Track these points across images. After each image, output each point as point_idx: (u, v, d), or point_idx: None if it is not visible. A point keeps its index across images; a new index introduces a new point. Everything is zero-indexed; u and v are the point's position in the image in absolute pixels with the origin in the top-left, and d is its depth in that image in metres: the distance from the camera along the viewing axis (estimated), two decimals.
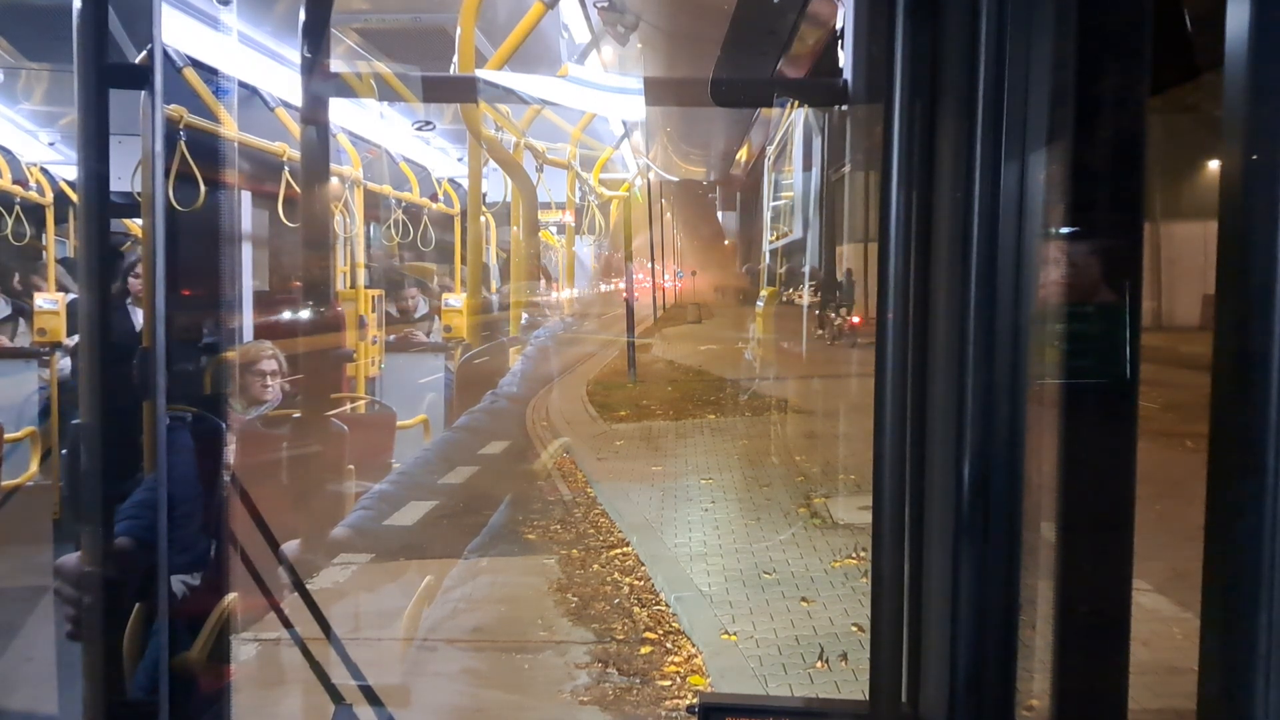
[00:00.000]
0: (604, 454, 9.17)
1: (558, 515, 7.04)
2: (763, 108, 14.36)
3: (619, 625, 4.92)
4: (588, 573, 5.76)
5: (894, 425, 1.10)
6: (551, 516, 7.00)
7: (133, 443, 1.43)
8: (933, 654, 1.14)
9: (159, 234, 1.32)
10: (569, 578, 5.63)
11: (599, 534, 6.56)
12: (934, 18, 1.09)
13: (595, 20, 8.62)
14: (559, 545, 6.29)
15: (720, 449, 9.37)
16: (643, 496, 7.44)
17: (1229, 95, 0.72)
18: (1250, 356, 0.70)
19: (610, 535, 6.52)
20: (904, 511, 1.11)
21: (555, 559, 5.98)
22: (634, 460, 8.91)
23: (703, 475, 8.22)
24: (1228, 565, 0.73)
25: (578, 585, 5.50)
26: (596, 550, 6.18)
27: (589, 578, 5.66)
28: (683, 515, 6.90)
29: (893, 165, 1.09)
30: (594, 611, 5.09)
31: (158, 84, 1.25)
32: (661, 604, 5.22)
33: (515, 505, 6.91)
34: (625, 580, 5.62)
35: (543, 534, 6.59)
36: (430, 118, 9.64)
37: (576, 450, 9.24)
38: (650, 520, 6.78)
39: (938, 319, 1.11)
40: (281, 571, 1.59)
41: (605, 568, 5.86)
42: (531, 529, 6.66)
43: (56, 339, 6.51)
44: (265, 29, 7.00)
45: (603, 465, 8.63)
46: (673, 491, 7.65)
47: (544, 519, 6.93)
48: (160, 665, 1.30)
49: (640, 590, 5.44)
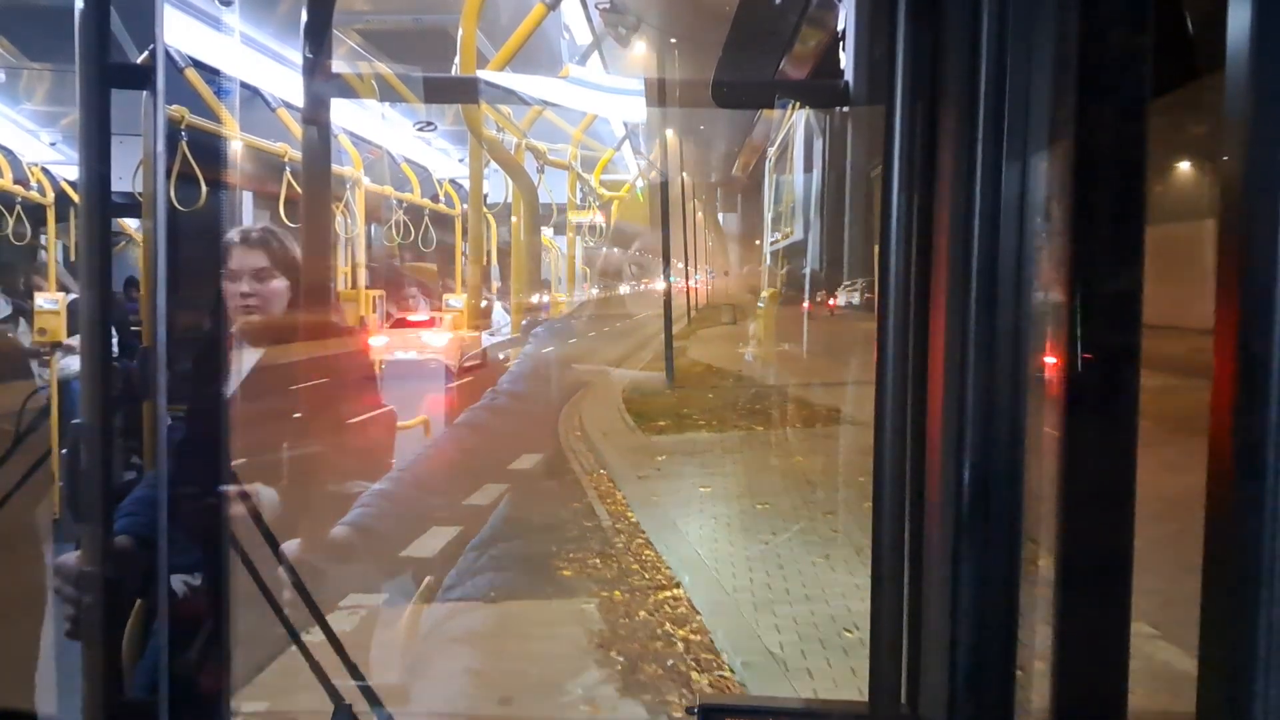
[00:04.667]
0: (645, 471, 8.45)
1: (596, 545, 6.35)
2: (764, 109, 14.37)
3: (676, 696, 4.19)
4: (634, 622, 4.98)
5: (894, 425, 1.10)
6: (589, 547, 6.31)
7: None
8: (932, 654, 1.14)
9: (160, 234, 1.32)
10: (612, 628, 4.85)
11: (644, 571, 5.81)
12: (935, 19, 1.09)
13: (597, 22, 8.63)
14: (599, 584, 5.59)
15: (773, 467, 8.67)
16: (691, 524, 6.67)
17: (1230, 96, 0.72)
18: (1251, 358, 0.70)
19: (658, 573, 5.76)
20: (904, 511, 1.12)
21: (595, 603, 5.26)
22: (678, 479, 8.18)
23: (758, 499, 7.38)
24: (1227, 566, 0.73)
25: (623, 639, 4.72)
26: (643, 592, 5.45)
27: (635, 629, 4.88)
28: (739, 549, 6.15)
29: (894, 167, 1.10)
30: (644, 677, 4.34)
31: (160, 84, 1.25)
32: (724, 668, 4.46)
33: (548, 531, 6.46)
34: (679, 634, 4.82)
35: (580, 569, 5.86)
36: (432, 119, 9.65)
37: (614, 465, 8.59)
38: (703, 555, 5.99)
39: (939, 320, 1.11)
40: (281, 571, 1.60)
41: (654, 615, 5.09)
42: (567, 562, 5.95)
43: (57, 339, 6.52)
44: (267, 30, 7.01)
45: (644, 485, 7.90)
46: (725, 519, 6.93)
47: (581, 549, 6.24)
48: (160, 665, 1.30)
49: (698, 648, 4.66)
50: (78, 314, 1.27)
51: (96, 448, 1.18)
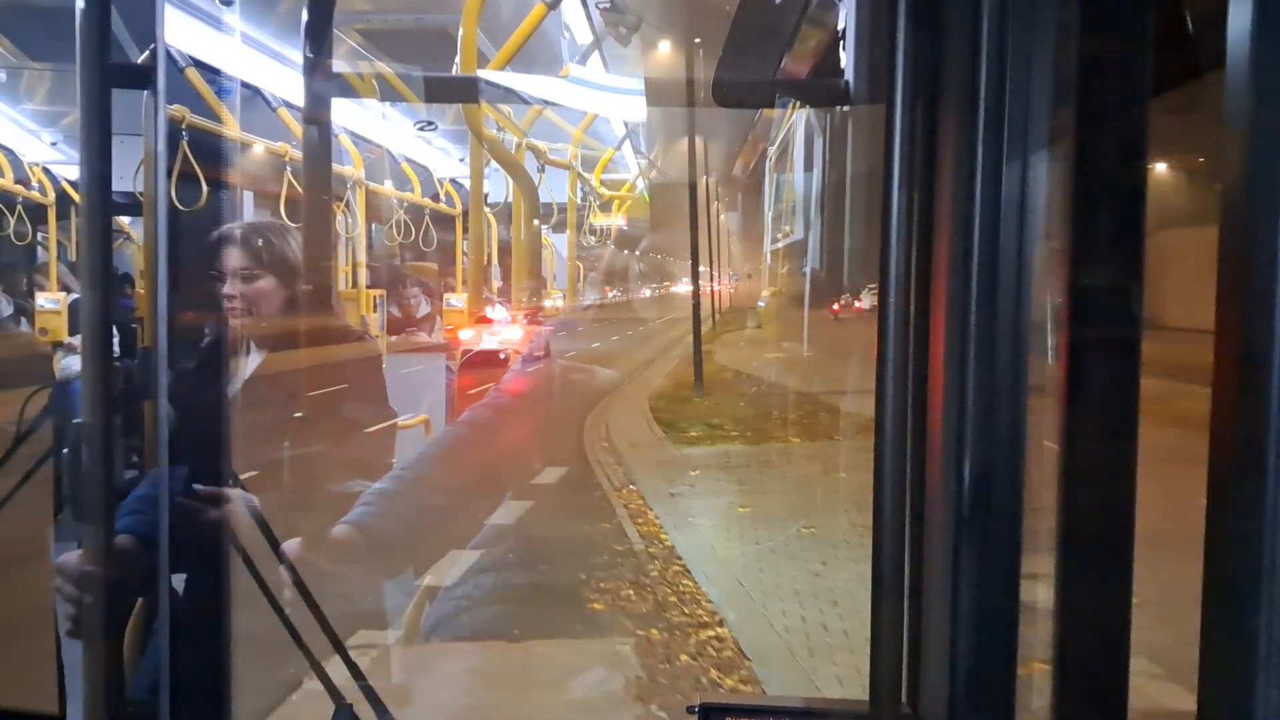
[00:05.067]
0: (678, 487, 7.95)
1: (629, 573, 5.79)
2: (765, 108, 14.36)
3: None
4: (675, 668, 4.48)
5: (895, 425, 1.10)
6: (622, 575, 5.74)
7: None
8: (933, 654, 1.14)
9: (161, 234, 1.32)
10: (650, 675, 4.31)
11: (684, 604, 5.24)
12: (935, 18, 1.09)
13: (597, 21, 8.64)
14: (634, 620, 5.08)
15: (816, 483, 8.08)
16: (732, 550, 6.12)
17: (1230, 95, 0.72)
18: (1251, 358, 0.70)
19: (698, 607, 5.18)
20: (905, 511, 1.12)
21: (631, 643, 4.72)
22: (715, 497, 7.66)
23: (803, 521, 6.78)
24: (1228, 566, 0.73)
25: (663, 688, 4.20)
26: (683, 630, 4.93)
27: (677, 675, 4.38)
28: (787, 581, 5.53)
29: (894, 166, 1.10)
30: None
31: (160, 84, 1.26)
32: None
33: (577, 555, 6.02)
34: (727, 683, 4.34)
35: (613, 602, 5.30)
36: (432, 118, 9.65)
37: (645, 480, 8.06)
38: (747, 587, 5.37)
39: (939, 320, 1.11)
40: (282, 570, 1.59)
41: (698, 659, 4.59)
42: (598, 594, 5.40)
43: (58, 338, 6.52)
44: (267, 29, 7.01)
45: (679, 504, 7.38)
46: (769, 544, 6.29)
47: (612, 578, 5.67)
48: (161, 665, 1.30)
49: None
50: (79, 313, 1.27)
51: (98, 447, 1.18)
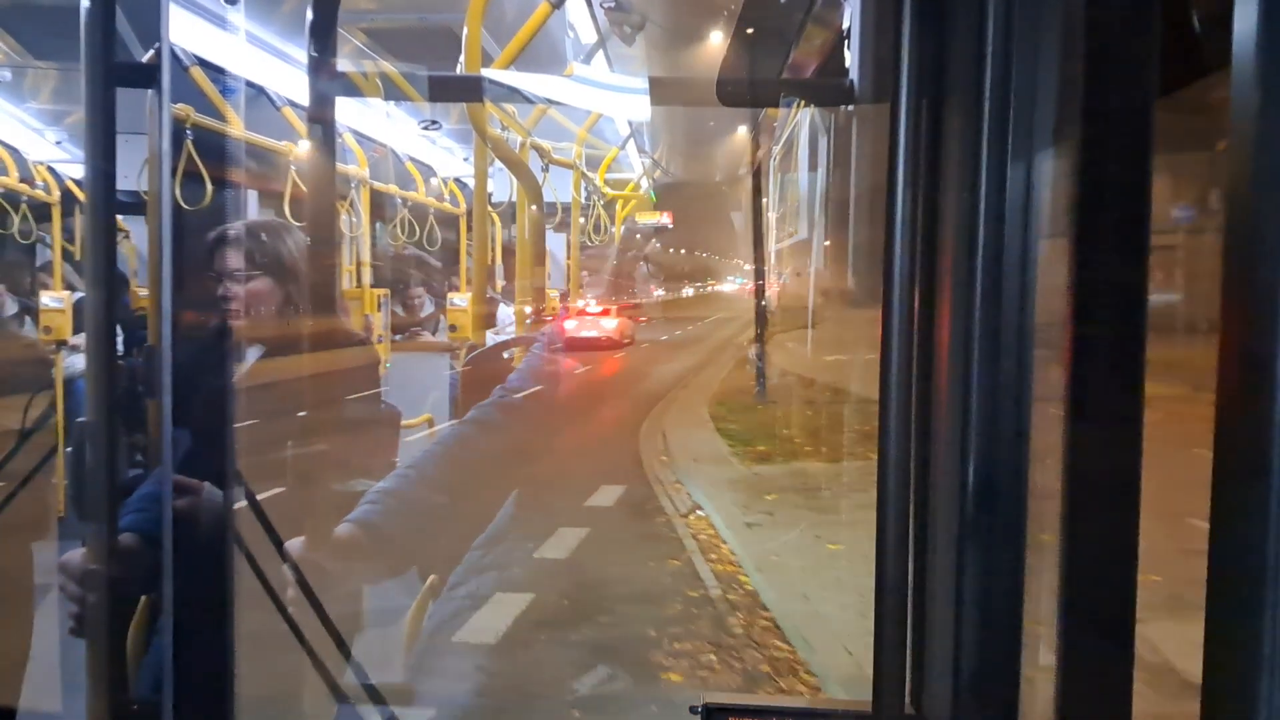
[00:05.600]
0: (753, 514, 6.89)
1: (706, 628, 4.84)
2: (769, 108, 14.36)
3: None
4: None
5: (898, 425, 1.10)
6: (698, 631, 4.79)
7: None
8: (936, 655, 1.14)
9: (165, 232, 1.32)
10: None
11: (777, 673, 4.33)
12: (941, 18, 1.09)
13: (601, 20, 8.63)
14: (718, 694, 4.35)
15: None
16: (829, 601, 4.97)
17: (1236, 95, 0.72)
18: (1257, 357, 0.70)
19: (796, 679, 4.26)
20: (908, 511, 1.12)
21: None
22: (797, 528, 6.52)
23: None
24: (1232, 567, 0.73)
25: None
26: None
27: None
28: None
29: (899, 165, 1.09)
30: None
31: (165, 83, 1.26)
32: None
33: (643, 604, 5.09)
34: None
35: (690, 669, 4.37)
36: (436, 117, 9.65)
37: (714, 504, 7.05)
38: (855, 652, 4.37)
39: (943, 319, 1.11)
40: (285, 568, 1.59)
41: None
42: (671, 657, 4.49)
43: (62, 337, 6.53)
44: (272, 28, 7.02)
45: (757, 537, 6.29)
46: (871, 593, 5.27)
47: (687, 635, 4.72)
48: (164, 664, 1.30)
49: None
50: (83, 312, 1.27)
51: (102, 445, 1.19)
